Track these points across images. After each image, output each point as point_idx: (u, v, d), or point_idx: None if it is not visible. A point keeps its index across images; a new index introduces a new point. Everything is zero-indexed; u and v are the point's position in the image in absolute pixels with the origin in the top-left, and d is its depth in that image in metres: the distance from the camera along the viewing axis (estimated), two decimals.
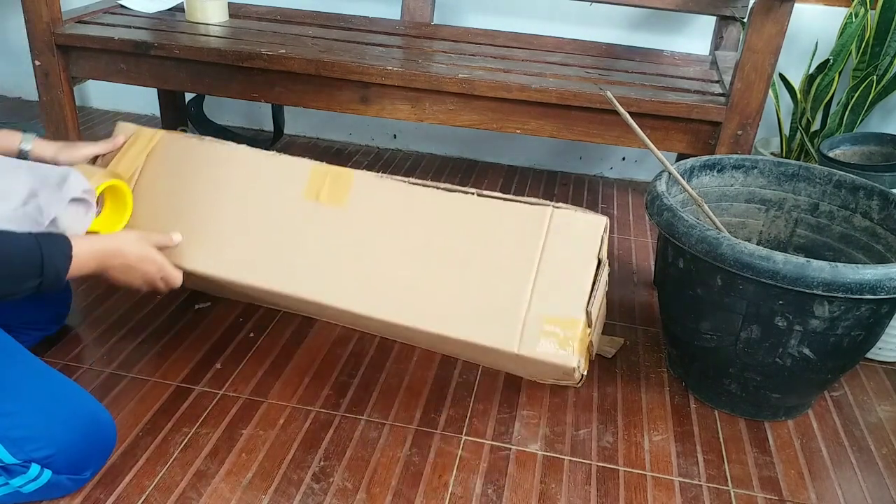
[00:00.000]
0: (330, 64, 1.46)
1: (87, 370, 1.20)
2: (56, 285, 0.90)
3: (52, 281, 0.89)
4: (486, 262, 1.04)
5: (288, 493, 1.00)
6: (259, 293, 1.17)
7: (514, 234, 1.04)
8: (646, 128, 1.24)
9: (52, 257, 0.88)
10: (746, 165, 1.32)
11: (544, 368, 1.08)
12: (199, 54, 1.50)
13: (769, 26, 1.29)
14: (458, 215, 1.07)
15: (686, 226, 1.07)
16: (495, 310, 1.03)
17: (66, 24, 1.57)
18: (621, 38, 1.92)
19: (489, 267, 1.04)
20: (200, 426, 1.10)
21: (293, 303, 1.17)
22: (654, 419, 1.18)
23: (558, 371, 1.06)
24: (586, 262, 1.02)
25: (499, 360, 1.17)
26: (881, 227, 1.21)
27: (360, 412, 1.15)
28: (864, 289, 0.97)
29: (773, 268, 0.99)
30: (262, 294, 1.17)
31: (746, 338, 1.09)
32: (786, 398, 1.17)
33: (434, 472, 1.05)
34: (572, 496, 1.03)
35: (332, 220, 1.10)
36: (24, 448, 0.88)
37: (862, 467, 1.12)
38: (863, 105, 1.71)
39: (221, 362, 1.24)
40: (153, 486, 1.00)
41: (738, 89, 1.34)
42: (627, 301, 1.50)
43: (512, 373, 1.26)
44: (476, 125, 1.49)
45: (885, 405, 1.26)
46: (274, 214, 1.12)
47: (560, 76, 1.51)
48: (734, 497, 1.05)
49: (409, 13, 1.82)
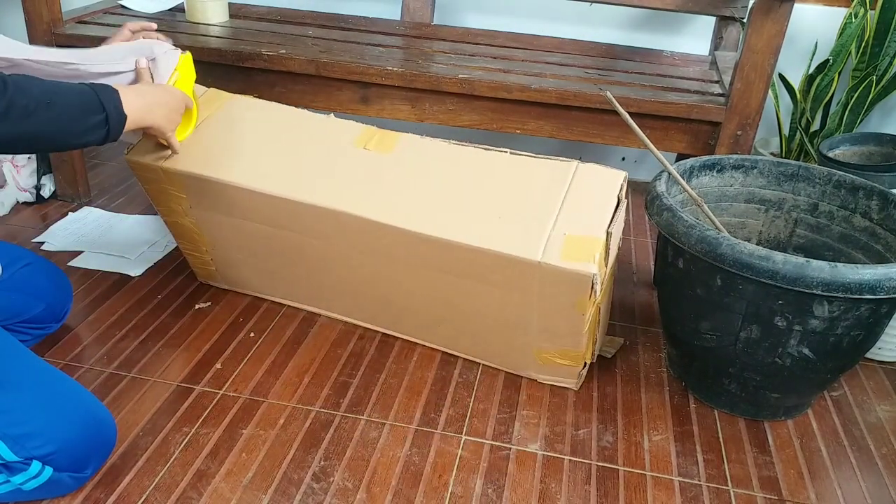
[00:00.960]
0: (330, 64, 1.46)
1: (87, 370, 1.20)
2: (118, 120, 0.95)
3: (115, 117, 0.94)
4: (516, 198, 1.12)
5: (288, 492, 1.00)
6: (287, 208, 1.17)
7: (544, 179, 1.14)
8: (645, 128, 1.24)
9: (104, 93, 0.93)
10: (746, 165, 1.32)
11: (562, 290, 1.06)
12: (200, 54, 1.50)
13: (769, 26, 1.29)
14: (494, 166, 1.17)
15: (686, 226, 1.07)
16: (521, 228, 1.08)
17: (67, 25, 1.57)
18: (621, 39, 1.92)
19: (518, 201, 1.11)
20: (201, 426, 1.10)
21: (320, 222, 1.17)
22: (654, 419, 1.19)
23: (575, 290, 1.05)
24: (607, 197, 1.11)
25: (508, 315, 1.15)
26: (881, 227, 1.21)
27: (360, 412, 1.16)
28: (863, 289, 0.97)
29: (773, 268, 0.99)
30: (288, 211, 1.17)
31: (746, 338, 1.09)
32: (785, 398, 1.17)
33: (434, 471, 1.06)
34: (572, 496, 1.03)
35: (376, 160, 1.18)
36: (26, 445, 0.89)
37: (861, 467, 1.12)
38: (862, 105, 1.71)
39: (221, 362, 1.24)
40: (153, 486, 1.00)
41: (738, 89, 1.34)
42: (627, 301, 1.51)
43: (512, 369, 1.26)
44: (476, 125, 1.49)
45: (884, 405, 1.26)
46: (321, 152, 1.20)
47: (560, 76, 1.51)
48: (734, 497, 1.05)
49: (409, 13, 1.82)
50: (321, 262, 1.25)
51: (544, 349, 1.18)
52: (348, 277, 1.25)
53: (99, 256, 1.52)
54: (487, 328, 1.20)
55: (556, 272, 1.04)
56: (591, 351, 1.21)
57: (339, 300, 1.33)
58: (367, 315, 1.33)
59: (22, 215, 1.70)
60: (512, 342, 1.20)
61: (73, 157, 1.67)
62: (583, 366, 1.20)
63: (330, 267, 1.25)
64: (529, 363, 1.22)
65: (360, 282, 1.25)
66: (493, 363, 1.27)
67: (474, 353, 1.28)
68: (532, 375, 1.24)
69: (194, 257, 1.39)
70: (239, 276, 1.38)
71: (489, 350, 1.25)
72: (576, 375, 1.21)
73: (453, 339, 1.27)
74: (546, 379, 1.24)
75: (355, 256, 1.20)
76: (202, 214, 1.26)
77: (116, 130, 0.95)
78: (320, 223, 1.17)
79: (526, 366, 1.23)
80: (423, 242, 1.10)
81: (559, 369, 1.20)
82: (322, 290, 1.32)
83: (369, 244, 1.16)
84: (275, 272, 1.33)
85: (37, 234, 1.60)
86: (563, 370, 1.20)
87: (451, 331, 1.25)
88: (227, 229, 1.27)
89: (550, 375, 1.23)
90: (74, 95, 0.90)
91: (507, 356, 1.24)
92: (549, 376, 1.23)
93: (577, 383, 1.23)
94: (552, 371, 1.22)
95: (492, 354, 1.26)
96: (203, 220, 1.27)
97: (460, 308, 1.19)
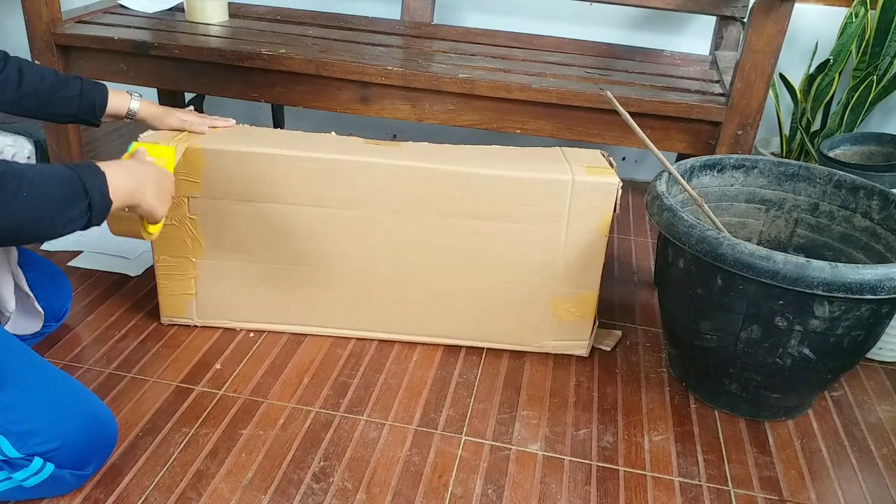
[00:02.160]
0: (330, 64, 1.46)
1: (86, 370, 1.20)
2: (103, 206, 0.87)
3: (99, 201, 0.86)
4: (530, 160, 1.24)
5: (288, 493, 1.00)
6: (316, 170, 1.18)
7: (543, 153, 1.30)
8: (646, 128, 1.24)
9: (88, 177, 0.85)
10: (746, 165, 1.32)
11: (592, 205, 1.19)
12: (199, 54, 1.50)
13: (769, 26, 1.29)
14: (493, 151, 1.29)
15: (686, 226, 1.07)
16: (546, 166, 1.21)
17: (66, 24, 1.57)
18: (621, 38, 1.92)
19: (533, 161, 1.23)
20: (200, 426, 1.10)
21: (349, 184, 1.19)
22: (654, 419, 1.18)
23: (603, 203, 1.19)
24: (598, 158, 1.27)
25: (532, 258, 1.23)
26: (881, 226, 1.21)
27: (359, 412, 1.15)
28: (864, 289, 0.97)
29: (774, 268, 0.99)
30: (316, 176, 1.19)
31: (746, 338, 1.09)
32: (786, 398, 1.17)
33: (434, 472, 1.05)
34: (572, 496, 1.03)
35: (385, 150, 1.23)
36: (28, 442, 0.89)
37: (862, 467, 1.12)
38: (863, 105, 1.71)
39: (221, 362, 1.24)
40: (153, 486, 1.00)
41: (739, 89, 1.34)
42: (628, 301, 1.50)
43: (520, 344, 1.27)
44: (476, 125, 1.49)
45: (885, 405, 1.26)
46: (330, 143, 1.24)
47: (560, 76, 1.51)
48: (734, 497, 1.05)
49: (409, 13, 1.82)
50: (336, 249, 1.24)
51: (562, 297, 1.25)
52: (360, 271, 1.25)
53: (98, 256, 1.52)
54: (501, 300, 1.26)
55: (586, 186, 1.17)
56: (596, 314, 1.29)
57: (337, 309, 1.30)
58: (363, 322, 1.31)
59: None
60: (529, 304, 1.26)
61: (73, 157, 1.67)
62: (594, 322, 1.28)
63: (345, 254, 1.24)
64: (541, 330, 1.27)
65: (369, 278, 1.26)
66: (502, 343, 1.30)
67: (481, 335, 1.30)
68: (541, 347, 1.29)
69: (172, 280, 1.28)
70: (223, 299, 1.30)
71: (498, 329, 1.29)
72: (587, 335, 1.28)
73: (458, 325, 1.29)
74: (557, 346, 1.28)
75: (378, 231, 1.22)
76: (210, 207, 1.22)
77: (99, 218, 0.87)
78: (349, 184, 1.18)
79: (537, 336, 1.28)
80: (458, 180, 1.17)
81: (572, 328, 1.27)
82: (322, 297, 1.29)
83: (398, 201, 1.19)
84: (273, 278, 1.28)
85: None
86: (577, 328, 1.27)
87: (458, 316, 1.28)
88: (236, 222, 1.23)
89: (562, 340, 1.28)
90: (55, 182, 0.82)
91: (516, 330, 1.28)
92: (560, 341, 1.28)
93: (588, 347, 1.27)
94: (565, 331, 1.27)
95: (501, 333, 1.29)
96: (207, 217, 1.24)
97: (478, 278, 1.25)
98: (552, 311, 1.26)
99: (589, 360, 1.31)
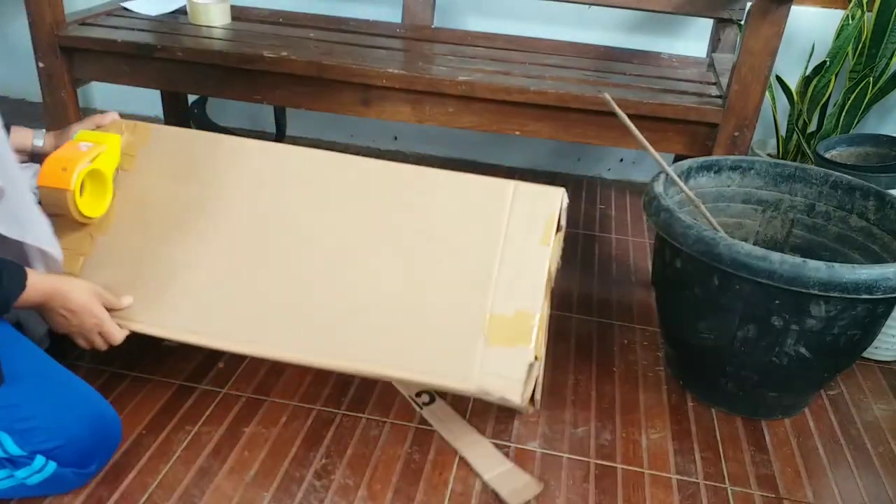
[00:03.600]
0: (331, 66, 1.47)
1: (88, 370, 1.21)
2: (1, 310, 0.91)
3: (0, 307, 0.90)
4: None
5: (290, 490, 1.01)
6: None
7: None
8: (643, 129, 1.24)
9: (8, 287, 0.89)
10: (743, 166, 1.33)
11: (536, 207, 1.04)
12: (202, 56, 1.51)
13: (766, 28, 1.30)
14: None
15: (683, 226, 1.08)
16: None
17: (70, 26, 1.58)
18: (619, 41, 1.93)
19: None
20: (203, 424, 1.11)
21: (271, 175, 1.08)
22: (652, 417, 1.19)
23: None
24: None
25: None
26: (877, 227, 1.22)
27: (361, 410, 1.16)
28: (860, 288, 0.98)
29: (770, 268, 1.00)
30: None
31: (743, 337, 1.10)
32: (782, 397, 1.18)
33: (434, 469, 1.06)
34: (571, 494, 1.04)
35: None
36: (31, 440, 0.90)
37: (858, 466, 1.13)
38: (859, 106, 1.72)
39: (224, 361, 1.25)
40: (156, 484, 1.01)
41: (735, 91, 1.35)
42: (625, 301, 1.52)
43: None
44: (476, 127, 1.50)
45: (881, 404, 1.27)
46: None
47: (559, 78, 1.52)
48: (731, 495, 1.06)
49: (410, 16, 1.83)
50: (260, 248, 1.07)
51: (497, 317, 1.01)
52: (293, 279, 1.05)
53: None
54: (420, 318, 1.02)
55: (529, 192, 1.05)
56: (539, 354, 1.02)
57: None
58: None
59: None
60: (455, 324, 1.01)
61: None
62: (533, 359, 1.00)
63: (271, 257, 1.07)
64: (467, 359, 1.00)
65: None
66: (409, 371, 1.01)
67: (389, 361, 1.01)
68: (463, 382, 0.98)
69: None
70: None
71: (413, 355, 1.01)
72: (522, 371, 0.98)
73: (362, 348, 1.01)
74: (484, 384, 0.97)
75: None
76: None
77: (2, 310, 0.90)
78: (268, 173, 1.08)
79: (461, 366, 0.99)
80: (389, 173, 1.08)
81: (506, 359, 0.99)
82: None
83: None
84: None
85: None
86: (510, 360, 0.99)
87: (360, 336, 1.02)
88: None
89: (490, 374, 0.98)
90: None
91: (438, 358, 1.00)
92: (489, 376, 0.98)
93: (521, 392, 0.97)
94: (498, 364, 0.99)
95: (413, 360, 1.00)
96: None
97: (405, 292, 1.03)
98: (484, 333, 1.00)
99: (587, 360, 1.32)
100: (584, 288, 1.56)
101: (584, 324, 1.43)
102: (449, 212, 1.07)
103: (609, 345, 1.37)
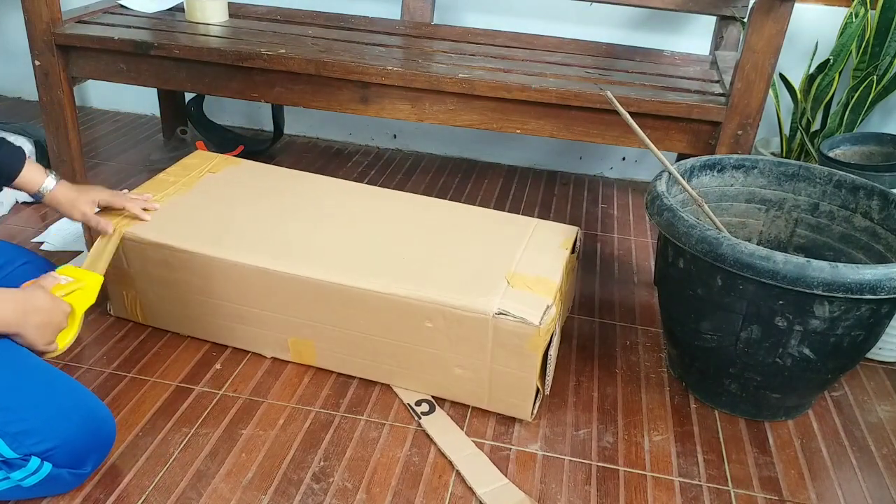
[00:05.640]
0: (330, 64, 1.46)
1: (86, 370, 1.20)
2: None
3: None
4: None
5: (288, 493, 1.00)
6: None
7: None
8: (646, 128, 1.23)
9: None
10: (746, 165, 1.32)
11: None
12: (199, 54, 1.50)
13: (769, 26, 1.28)
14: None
15: (686, 226, 1.07)
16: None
17: (66, 24, 1.57)
18: (621, 38, 1.92)
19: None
20: (200, 426, 1.10)
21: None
22: (654, 419, 1.18)
23: None
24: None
25: None
26: (881, 227, 1.21)
27: (359, 412, 1.15)
28: (864, 289, 0.97)
29: (774, 268, 0.99)
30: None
31: (746, 338, 1.09)
32: (786, 398, 1.17)
33: (434, 472, 1.05)
34: (572, 496, 1.03)
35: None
36: (25, 442, 0.89)
37: (862, 467, 1.12)
38: (863, 105, 1.71)
39: (221, 362, 1.24)
40: (153, 486, 1.00)
41: (739, 89, 1.34)
42: (627, 301, 1.50)
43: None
44: (476, 125, 1.49)
45: (885, 405, 1.26)
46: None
47: (560, 76, 1.50)
48: (734, 497, 1.05)
49: (409, 13, 1.82)
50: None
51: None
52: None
53: None
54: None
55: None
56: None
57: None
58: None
59: (21, 215, 1.70)
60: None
61: (73, 157, 1.67)
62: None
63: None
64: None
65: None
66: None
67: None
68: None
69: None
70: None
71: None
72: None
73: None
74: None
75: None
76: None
77: None
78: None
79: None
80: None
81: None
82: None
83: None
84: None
85: (36, 234, 1.60)
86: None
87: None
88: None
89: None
90: None
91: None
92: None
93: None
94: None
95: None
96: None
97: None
98: (507, 279, 1.14)
99: (589, 361, 1.31)
100: (585, 288, 1.55)
101: (585, 324, 1.42)
102: (482, 226, 1.30)
103: (611, 346, 1.36)
